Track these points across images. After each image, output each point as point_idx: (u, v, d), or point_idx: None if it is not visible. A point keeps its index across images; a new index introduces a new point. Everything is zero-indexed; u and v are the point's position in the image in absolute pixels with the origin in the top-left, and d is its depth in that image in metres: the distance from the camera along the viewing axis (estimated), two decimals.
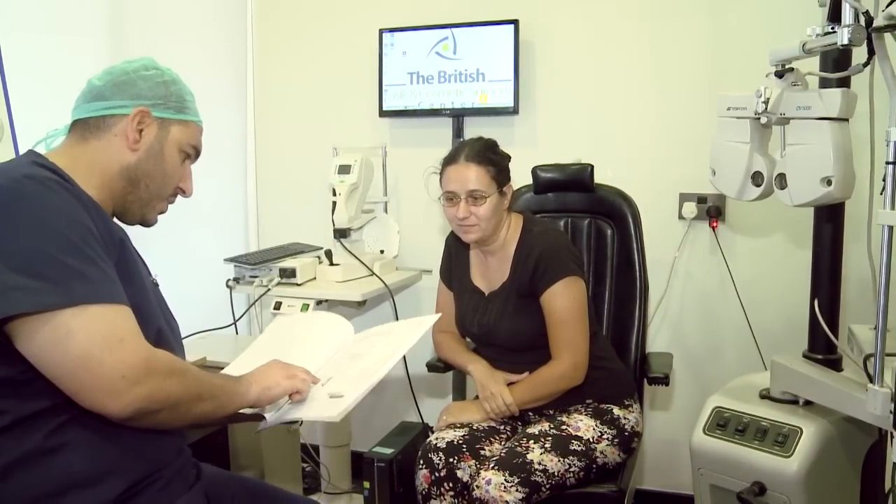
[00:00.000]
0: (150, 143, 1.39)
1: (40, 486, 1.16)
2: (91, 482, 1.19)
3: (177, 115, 1.42)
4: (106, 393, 1.12)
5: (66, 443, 1.18)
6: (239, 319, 2.87)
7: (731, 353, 2.80)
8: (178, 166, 1.45)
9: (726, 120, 1.85)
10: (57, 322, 1.11)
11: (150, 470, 1.28)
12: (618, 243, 2.45)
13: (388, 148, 3.09)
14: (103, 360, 1.11)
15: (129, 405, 1.13)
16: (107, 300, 1.16)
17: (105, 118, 1.37)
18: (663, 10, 2.77)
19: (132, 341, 1.16)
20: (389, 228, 3.09)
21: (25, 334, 1.12)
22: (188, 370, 1.26)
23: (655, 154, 2.82)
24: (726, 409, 1.87)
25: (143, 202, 1.42)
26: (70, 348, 1.10)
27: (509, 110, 2.91)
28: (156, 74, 1.41)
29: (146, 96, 1.38)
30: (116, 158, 1.37)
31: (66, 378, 1.12)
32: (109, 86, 1.38)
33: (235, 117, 3.36)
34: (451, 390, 2.58)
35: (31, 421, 1.16)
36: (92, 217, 1.24)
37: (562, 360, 2.06)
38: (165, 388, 1.18)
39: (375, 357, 1.53)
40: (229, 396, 1.35)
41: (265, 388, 1.41)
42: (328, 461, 3.00)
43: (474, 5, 2.96)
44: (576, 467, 1.94)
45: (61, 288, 1.12)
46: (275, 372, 1.44)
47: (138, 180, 1.39)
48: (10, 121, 2.15)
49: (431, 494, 1.98)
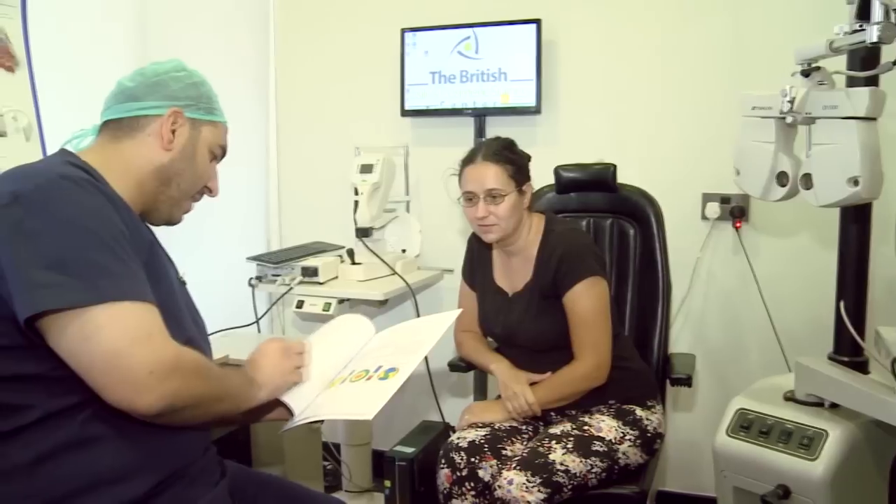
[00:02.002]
0: (183, 143, 1.41)
1: (70, 481, 1.17)
2: (119, 478, 1.20)
3: (207, 116, 1.45)
4: (133, 389, 1.12)
5: (94, 438, 1.19)
6: (261, 318, 2.88)
7: (755, 354, 2.78)
8: (207, 166, 1.47)
9: (751, 120, 1.84)
10: (86, 319, 1.12)
11: (177, 466, 1.29)
12: (640, 243, 2.43)
13: (409, 147, 3.10)
14: (131, 356, 1.12)
15: (156, 402, 1.14)
16: (135, 297, 1.17)
17: (138, 119, 1.39)
18: (687, 9, 2.76)
19: (159, 338, 1.17)
20: (411, 228, 3.09)
21: (55, 331, 1.13)
22: (212, 369, 1.28)
23: (678, 154, 2.80)
24: (750, 411, 1.85)
25: (174, 201, 1.44)
26: (98, 345, 1.11)
27: (531, 110, 2.90)
28: (186, 76, 1.43)
29: (178, 97, 1.40)
30: (150, 158, 1.39)
31: (94, 374, 1.13)
32: (142, 87, 1.40)
33: (258, 117, 3.38)
34: (472, 390, 2.58)
35: (61, 416, 1.18)
36: (122, 217, 1.26)
37: (584, 361, 2.05)
38: (191, 386, 1.19)
39: (401, 355, 1.53)
40: (244, 397, 1.38)
41: (276, 386, 1.44)
42: (349, 459, 3.01)
43: (496, 5, 2.96)
44: (598, 468, 1.94)
45: (91, 285, 1.13)
46: (277, 365, 1.45)
47: (170, 180, 1.41)
48: (39, 121, 2.17)
49: (453, 494, 1.97)
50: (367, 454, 3.04)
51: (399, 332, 1.69)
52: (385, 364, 1.50)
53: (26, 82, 2.16)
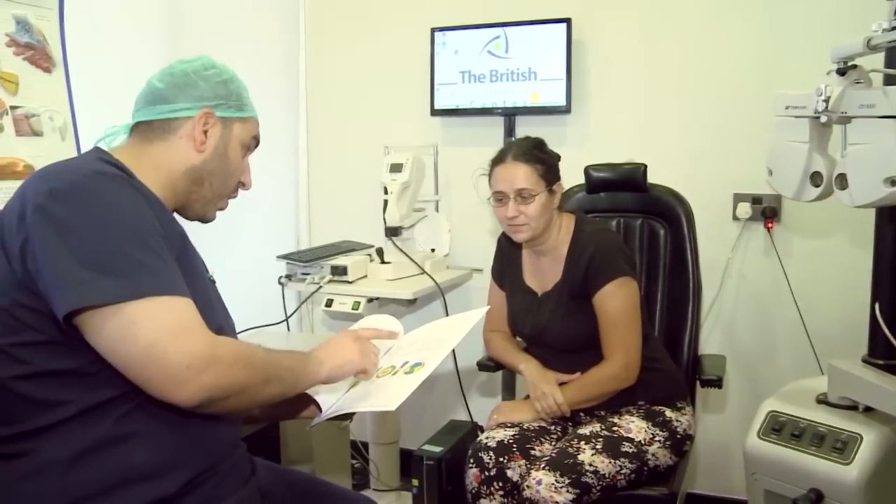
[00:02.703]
0: (215, 143, 1.42)
1: (102, 478, 1.18)
2: (151, 476, 1.21)
3: (237, 113, 1.45)
4: (172, 382, 1.13)
5: (127, 436, 1.20)
6: (291, 316, 2.90)
7: (786, 356, 2.75)
8: (240, 162, 1.47)
9: (784, 119, 1.81)
10: (124, 314, 1.12)
11: (209, 464, 1.29)
12: (671, 244, 2.42)
13: (439, 147, 3.10)
14: (168, 351, 1.12)
15: (195, 394, 1.14)
16: (171, 292, 1.17)
17: (170, 121, 1.39)
18: (718, 7, 2.73)
19: (196, 331, 1.17)
20: (440, 227, 3.09)
21: (94, 327, 1.14)
22: (254, 354, 1.26)
23: (709, 154, 2.78)
24: (781, 414, 1.83)
25: (206, 200, 1.45)
26: (137, 340, 1.12)
27: (561, 109, 2.89)
28: (215, 74, 1.43)
29: (208, 97, 1.41)
30: (182, 160, 1.39)
31: (134, 369, 1.14)
32: (171, 88, 1.40)
33: (288, 116, 3.40)
34: (500, 389, 2.58)
35: (95, 412, 1.19)
36: (156, 213, 1.27)
37: (614, 361, 2.04)
38: (231, 376, 1.19)
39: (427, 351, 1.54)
40: (299, 376, 1.35)
41: (337, 366, 1.41)
42: (377, 458, 3.02)
43: (526, 4, 2.96)
44: (627, 469, 1.93)
45: (128, 281, 1.14)
46: (347, 347, 1.44)
47: (203, 180, 1.42)
48: (74, 121, 2.20)
49: (481, 493, 1.98)
50: (395, 453, 3.05)
51: (426, 331, 1.70)
52: (411, 359, 1.50)
53: (62, 83, 2.19)
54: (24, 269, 1.16)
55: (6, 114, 2.02)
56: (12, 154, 2.03)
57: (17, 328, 1.18)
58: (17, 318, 1.18)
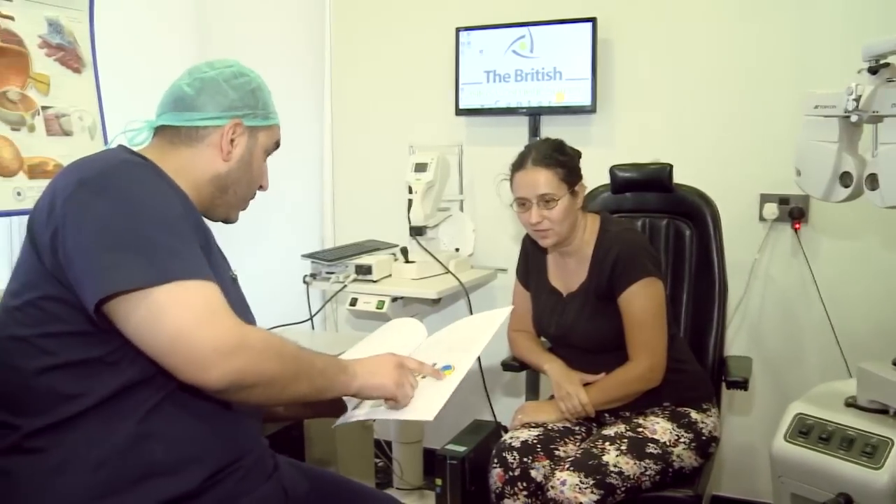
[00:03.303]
0: (241, 152, 1.42)
1: (128, 471, 1.19)
2: (175, 469, 1.22)
3: (264, 122, 1.45)
4: (199, 366, 1.13)
5: (152, 429, 1.21)
6: (315, 315, 2.91)
7: (813, 358, 2.72)
8: (262, 167, 1.49)
9: (813, 118, 1.80)
10: (152, 299, 1.13)
11: (231, 459, 1.30)
12: (696, 244, 2.40)
13: (464, 146, 3.10)
14: (195, 335, 1.12)
15: (222, 377, 1.13)
16: (198, 276, 1.17)
17: (197, 129, 1.39)
18: (746, 4, 2.71)
19: (224, 315, 1.17)
20: (465, 227, 3.09)
21: (123, 313, 1.14)
22: (285, 347, 1.25)
23: (736, 153, 2.76)
24: (809, 417, 1.81)
25: (230, 206, 1.46)
26: (164, 324, 1.12)
27: (586, 109, 2.88)
28: (245, 82, 1.43)
29: (237, 107, 1.41)
30: (208, 168, 1.40)
31: (162, 354, 1.14)
32: (201, 95, 1.39)
33: (313, 115, 3.41)
34: (524, 390, 2.57)
35: (120, 404, 1.20)
36: (182, 203, 1.29)
37: (639, 362, 2.03)
38: (259, 364, 1.18)
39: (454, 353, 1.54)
40: (330, 381, 1.33)
41: (369, 385, 1.38)
42: (400, 457, 3.03)
43: (551, 3, 2.95)
44: (652, 470, 1.92)
45: (155, 265, 1.14)
46: (386, 373, 1.40)
47: (227, 187, 1.43)
48: (102, 120, 2.23)
49: (505, 493, 1.97)
50: (419, 452, 3.05)
51: (451, 331, 1.70)
52: (440, 361, 1.50)
53: (92, 83, 2.22)
54: (54, 261, 1.18)
55: (38, 114, 2.05)
56: (43, 153, 2.05)
57: (44, 319, 1.20)
58: (45, 310, 1.20)
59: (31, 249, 1.23)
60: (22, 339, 1.21)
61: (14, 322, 1.23)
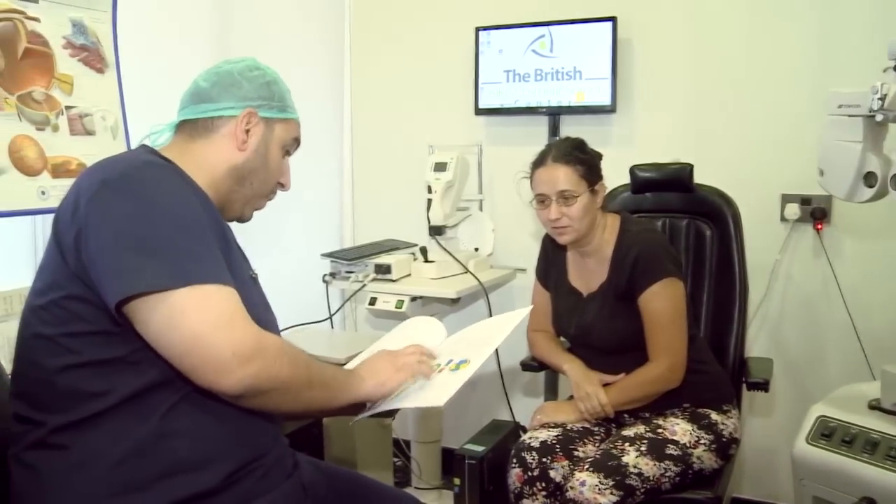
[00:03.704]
0: (256, 143, 1.43)
1: (150, 469, 1.20)
2: (196, 467, 1.23)
3: (280, 115, 1.46)
4: (216, 371, 1.15)
5: (174, 427, 1.22)
6: (334, 314, 2.92)
7: (835, 360, 2.70)
8: (280, 162, 1.49)
9: (837, 118, 1.78)
10: (171, 302, 1.14)
11: (251, 458, 1.31)
12: (717, 245, 2.39)
13: (483, 146, 3.10)
14: (213, 339, 1.14)
15: (238, 382, 1.15)
16: (217, 280, 1.19)
17: (213, 120, 1.41)
18: (767, 2, 2.69)
19: (241, 320, 1.18)
20: (484, 226, 3.09)
21: (142, 315, 1.16)
22: (299, 355, 1.28)
23: (757, 153, 2.74)
24: (831, 419, 1.80)
25: (246, 199, 1.47)
26: (182, 329, 1.14)
27: (606, 109, 2.87)
28: (259, 75, 1.45)
29: (252, 97, 1.43)
30: (224, 158, 1.41)
31: (179, 357, 1.16)
32: (216, 87, 1.42)
33: (332, 115, 3.42)
34: (543, 390, 2.57)
35: (142, 402, 1.21)
36: (202, 205, 1.30)
37: (659, 363, 2.02)
38: (275, 369, 1.20)
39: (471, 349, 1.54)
40: (341, 388, 1.37)
41: (379, 383, 1.41)
42: (419, 456, 3.03)
43: (571, 3, 2.94)
44: (671, 472, 1.91)
45: (174, 268, 1.16)
46: (385, 365, 1.44)
47: (244, 178, 1.44)
48: (124, 120, 2.25)
49: (524, 494, 1.97)
50: (437, 451, 3.05)
51: (470, 332, 1.70)
52: (456, 357, 1.51)
53: (114, 83, 2.24)
54: (77, 261, 1.20)
55: (61, 114, 2.07)
56: (67, 153, 2.07)
57: (68, 319, 1.22)
58: (68, 309, 1.22)
59: (56, 249, 1.24)
60: (46, 337, 1.23)
61: (39, 321, 1.24)
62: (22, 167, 1.96)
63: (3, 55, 1.91)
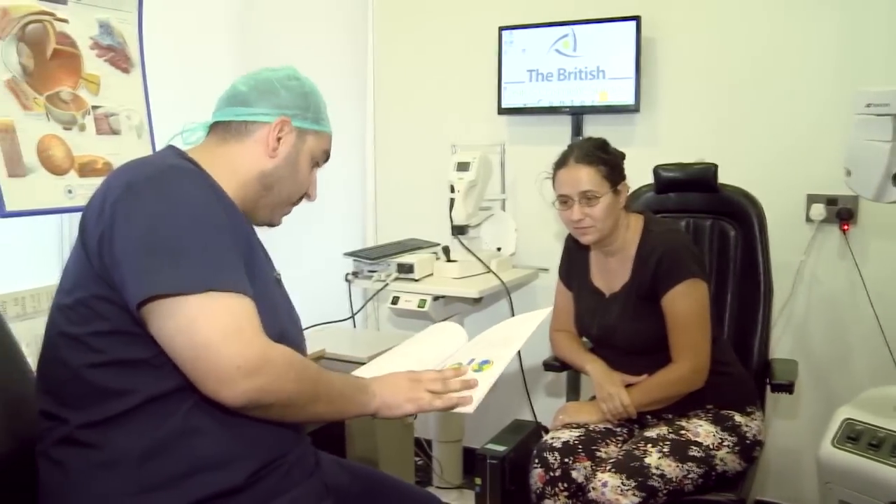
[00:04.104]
0: (287, 151, 1.44)
1: (174, 467, 1.21)
2: (220, 465, 1.23)
3: (313, 126, 1.47)
4: (220, 381, 1.15)
5: (197, 426, 1.23)
6: (357, 313, 2.93)
7: (861, 362, 2.67)
8: (308, 174, 1.49)
9: (865, 117, 1.77)
10: (185, 308, 1.15)
11: (274, 456, 1.31)
12: (741, 245, 2.37)
13: (506, 145, 3.10)
14: (221, 350, 1.14)
15: (241, 395, 1.16)
16: (232, 289, 1.19)
17: (247, 124, 1.42)
18: (793, 1, 2.67)
19: (251, 333, 1.18)
20: (507, 226, 3.09)
21: (157, 318, 1.17)
22: (307, 370, 1.27)
23: (782, 153, 2.71)
24: (858, 422, 1.78)
25: (273, 206, 1.47)
26: (192, 336, 1.14)
27: (630, 108, 2.86)
28: (297, 85, 1.46)
29: (288, 106, 1.43)
30: (254, 163, 1.42)
31: (187, 364, 1.16)
32: (254, 92, 1.43)
33: (355, 114, 3.43)
34: (565, 390, 2.57)
35: (165, 403, 1.22)
36: (226, 210, 1.30)
37: (682, 364, 2.01)
38: (279, 385, 1.20)
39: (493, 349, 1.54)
40: (348, 404, 1.36)
41: (387, 405, 1.39)
42: (440, 456, 3.04)
43: (595, 2, 2.93)
44: (694, 473, 1.90)
45: (193, 273, 1.16)
46: (401, 389, 1.41)
47: (272, 185, 1.44)
48: (149, 120, 2.27)
49: (546, 494, 1.97)
50: (459, 451, 3.06)
51: (491, 332, 1.70)
52: (478, 357, 1.50)
53: (140, 83, 2.26)
54: (101, 262, 1.21)
55: (88, 113, 2.09)
56: (93, 152, 2.10)
57: (93, 318, 1.23)
58: (93, 309, 1.23)
59: (82, 249, 1.25)
60: (72, 336, 1.24)
61: (65, 319, 1.26)
62: (50, 166, 1.98)
63: (32, 56, 1.94)
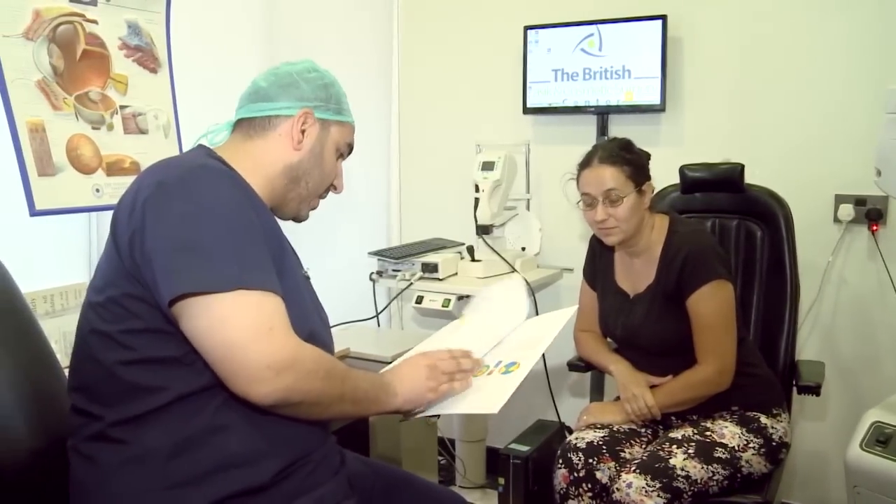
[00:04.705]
0: (311, 143, 1.45)
1: (202, 464, 1.22)
2: (247, 462, 1.25)
3: (336, 117, 1.48)
4: (249, 380, 1.16)
5: (225, 423, 1.24)
6: (381, 312, 2.94)
7: (890, 364, 2.64)
8: (334, 164, 1.51)
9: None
10: (215, 306, 1.16)
11: (300, 454, 1.32)
12: (768, 246, 2.35)
13: (531, 145, 3.09)
14: (250, 349, 1.15)
15: (270, 394, 1.17)
16: (262, 287, 1.20)
17: (270, 118, 1.43)
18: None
19: (280, 332, 1.20)
20: (531, 226, 3.09)
21: (188, 317, 1.18)
22: (334, 369, 1.28)
23: (810, 153, 2.69)
24: (887, 425, 1.76)
25: (301, 198, 1.48)
26: (223, 334, 1.16)
27: (656, 108, 2.85)
28: (317, 77, 1.47)
29: (309, 98, 1.44)
30: (280, 157, 1.43)
31: (217, 362, 1.18)
32: (274, 87, 1.44)
33: (380, 113, 3.44)
34: (589, 390, 2.56)
35: (194, 400, 1.23)
36: (255, 208, 1.31)
37: (707, 365, 2.00)
38: (307, 384, 1.21)
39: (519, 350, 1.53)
40: (373, 402, 1.36)
41: (410, 401, 1.40)
42: (464, 455, 3.04)
43: (621, 1, 2.92)
44: (720, 475, 1.89)
45: (223, 272, 1.18)
46: (420, 380, 1.41)
47: (299, 178, 1.45)
48: (176, 119, 2.29)
49: (570, 494, 1.96)
50: (482, 451, 3.06)
51: (517, 332, 1.70)
52: (505, 359, 1.50)
53: (167, 83, 2.28)
54: (132, 261, 1.22)
55: (116, 113, 2.11)
56: (121, 151, 2.12)
57: (125, 316, 1.24)
58: (125, 307, 1.24)
59: (113, 248, 1.27)
60: (104, 333, 1.26)
61: (97, 317, 1.27)
62: (78, 165, 2.00)
63: (63, 57, 1.96)
